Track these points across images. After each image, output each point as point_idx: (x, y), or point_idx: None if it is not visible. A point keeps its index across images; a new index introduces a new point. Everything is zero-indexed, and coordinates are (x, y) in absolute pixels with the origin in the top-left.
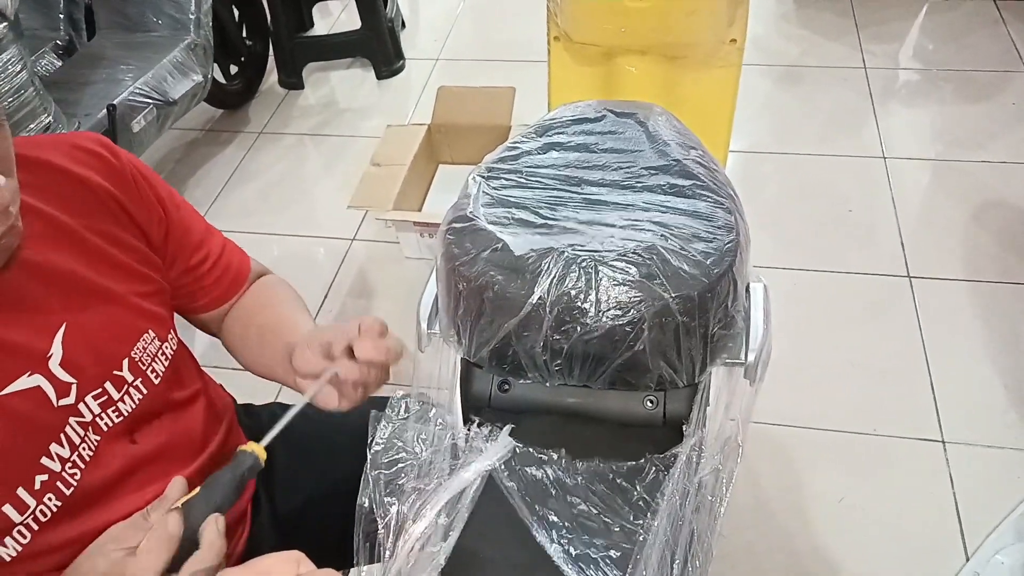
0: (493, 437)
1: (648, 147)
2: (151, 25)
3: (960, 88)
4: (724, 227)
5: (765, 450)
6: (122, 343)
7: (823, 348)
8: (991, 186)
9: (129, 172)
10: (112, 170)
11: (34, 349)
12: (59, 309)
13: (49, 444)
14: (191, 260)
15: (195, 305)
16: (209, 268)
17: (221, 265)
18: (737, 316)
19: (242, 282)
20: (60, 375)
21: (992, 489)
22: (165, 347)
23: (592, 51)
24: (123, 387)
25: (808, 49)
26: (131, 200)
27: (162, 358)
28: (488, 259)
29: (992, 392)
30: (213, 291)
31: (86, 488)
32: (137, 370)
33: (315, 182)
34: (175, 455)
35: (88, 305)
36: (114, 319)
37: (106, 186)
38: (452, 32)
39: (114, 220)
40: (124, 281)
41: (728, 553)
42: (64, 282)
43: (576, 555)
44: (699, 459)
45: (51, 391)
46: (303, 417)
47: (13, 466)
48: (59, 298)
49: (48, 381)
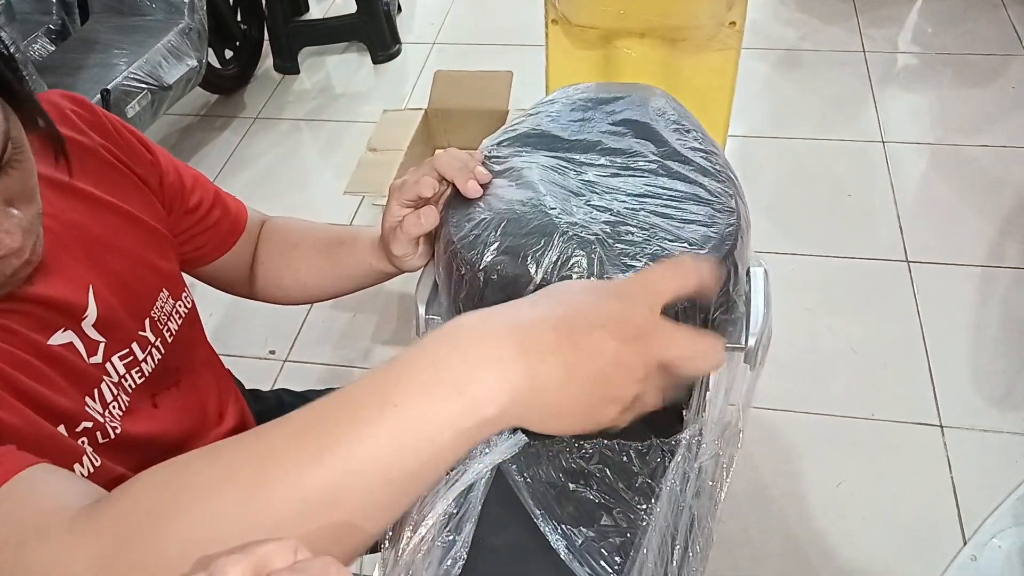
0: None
1: (648, 129)
2: (145, 9)
3: (959, 72)
4: (724, 210)
5: (763, 435)
6: (143, 302)
7: (821, 333)
8: (990, 171)
9: (108, 122)
10: (94, 123)
11: (72, 306)
12: (84, 270)
13: (87, 395)
14: (188, 202)
15: (201, 252)
16: (208, 209)
17: (219, 206)
18: (738, 300)
19: (242, 222)
20: (91, 334)
21: (990, 473)
22: (179, 306)
23: (590, 34)
24: (147, 347)
25: (807, 33)
26: (120, 149)
27: (176, 317)
28: (489, 242)
29: (990, 377)
30: (216, 233)
31: (120, 443)
32: (156, 330)
33: (311, 168)
34: (191, 426)
35: (109, 265)
36: (134, 278)
37: (98, 140)
38: (448, 16)
39: (116, 173)
40: (137, 237)
41: (726, 538)
42: (85, 242)
43: (580, 544)
44: (699, 444)
45: (82, 349)
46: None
47: (62, 407)
48: (84, 259)
49: (79, 339)
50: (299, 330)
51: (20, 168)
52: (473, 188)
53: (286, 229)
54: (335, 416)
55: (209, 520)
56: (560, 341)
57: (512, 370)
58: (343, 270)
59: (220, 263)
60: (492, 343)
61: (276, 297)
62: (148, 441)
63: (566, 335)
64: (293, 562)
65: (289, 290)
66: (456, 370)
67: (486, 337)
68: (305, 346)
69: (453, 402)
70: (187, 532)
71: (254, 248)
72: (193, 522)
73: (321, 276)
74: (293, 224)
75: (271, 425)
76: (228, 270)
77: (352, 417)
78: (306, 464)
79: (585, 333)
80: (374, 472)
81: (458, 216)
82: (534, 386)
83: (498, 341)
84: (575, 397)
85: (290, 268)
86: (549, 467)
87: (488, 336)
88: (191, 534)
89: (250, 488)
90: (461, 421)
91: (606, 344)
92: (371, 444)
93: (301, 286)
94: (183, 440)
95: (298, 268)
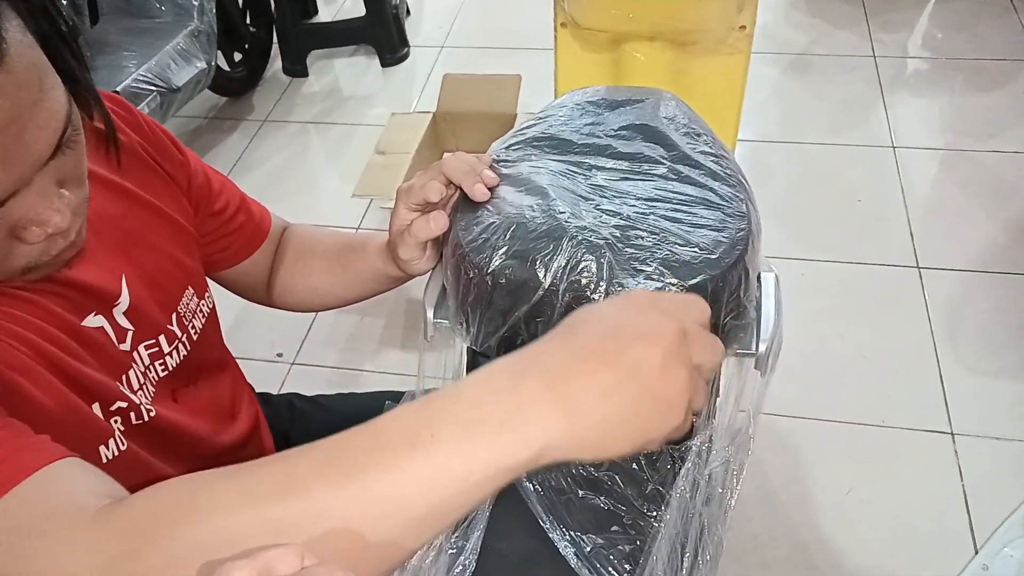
0: None
1: (657, 133)
2: (154, 11)
3: (970, 77)
4: (735, 215)
5: (772, 441)
6: (171, 297)
7: (831, 339)
8: (1001, 176)
9: (144, 122)
10: (131, 123)
11: (105, 292)
12: (118, 260)
13: (121, 376)
14: (215, 205)
15: (224, 255)
16: (233, 213)
17: (244, 210)
18: (749, 306)
19: (266, 228)
20: (121, 321)
21: (1001, 481)
22: (203, 305)
23: (599, 37)
24: (173, 341)
25: (817, 38)
26: (155, 148)
27: (200, 315)
28: (497, 246)
29: (1001, 384)
30: (239, 237)
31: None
32: (182, 325)
33: (319, 171)
34: (208, 423)
35: (140, 258)
36: (163, 273)
37: (135, 138)
38: (457, 19)
39: (151, 171)
40: (167, 234)
41: (734, 545)
42: (119, 234)
43: (589, 551)
44: (709, 451)
45: (112, 334)
46: (322, 409)
47: (98, 384)
48: (117, 250)
49: (110, 325)
50: (307, 333)
51: (76, 150)
52: (480, 192)
53: (302, 236)
54: (365, 446)
55: (224, 533)
56: (596, 368)
57: (549, 414)
58: (354, 275)
59: (241, 268)
60: (526, 388)
61: (290, 304)
62: (174, 431)
63: (604, 358)
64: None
65: (302, 297)
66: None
67: (519, 384)
68: (313, 349)
69: (488, 443)
70: (201, 542)
71: (274, 255)
72: (208, 533)
73: (333, 282)
74: (308, 231)
75: (298, 449)
76: (249, 275)
77: (381, 450)
78: (328, 489)
79: (627, 349)
80: (396, 503)
81: (466, 220)
82: (573, 422)
83: (532, 386)
84: (625, 419)
85: (304, 275)
86: (558, 474)
87: (521, 383)
88: (205, 545)
89: (270, 506)
90: (494, 463)
91: (651, 354)
92: (398, 476)
93: (313, 292)
94: (201, 437)
95: (311, 274)
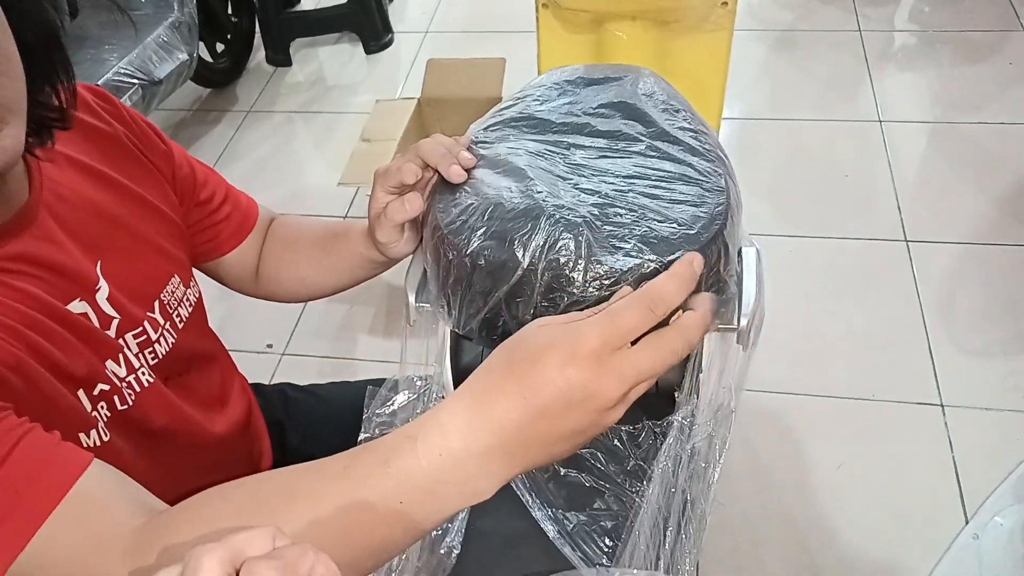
0: None
1: (636, 110)
2: (134, 3)
3: (957, 49)
4: (714, 190)
5: (763, 418)
6: (155, 284)
7: (820, 314)
8: (989, 148)
9: (126, 112)
10: (114, 114)
11: (83, 277)
12: (94, 245)
13: (108, 359)
14: (200, 195)
15: (211, 246)
16: (219, 203)
17: (230, 201)
18: (729, 281)
19: (253, 218)
20: (105, 308)
21: (991, 452)
22: (189, 294)
23: (581, 17)
24: (158, 329)
25: (802, 14)
26: (138, 138)
27: (186, 304)
28: (476, 226)
29: (990, 355)
30: (226, 228)
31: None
32: (166, 313)
33: (305, 160)
34: (199, 412)
35: (119, 244)
36: (146, 259)
37: (119, 128)
38: (441, 4)
39: (134, 161)
40: (151, 221)
41: (726, 522)
42: (98, 219)
43: (572, 528)
44: (692, 426)
45: (96, 321)
46: (315, 397)
47: (82, 368)
48: (95, 235)
49: (93, 311)
50: (296, 323)
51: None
52: (456, 173)
53: (288, 227)
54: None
55: None
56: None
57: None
58: (339, 262)
59: (229, 259)
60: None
61: (278, 295)
62: (162, 418)
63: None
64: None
65: (289, 287)
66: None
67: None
68: (303, 339)
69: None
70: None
71: (262, 245)
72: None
73: (319, 270)
74: (293, 222)
75: (304, 464)
76: (236, 266)
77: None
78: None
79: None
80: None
81: (445, 202)
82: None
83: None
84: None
85: (290, 265)
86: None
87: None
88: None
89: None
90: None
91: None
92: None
93: (300, 282)
94: (190, 424)
95: (297, 264)
